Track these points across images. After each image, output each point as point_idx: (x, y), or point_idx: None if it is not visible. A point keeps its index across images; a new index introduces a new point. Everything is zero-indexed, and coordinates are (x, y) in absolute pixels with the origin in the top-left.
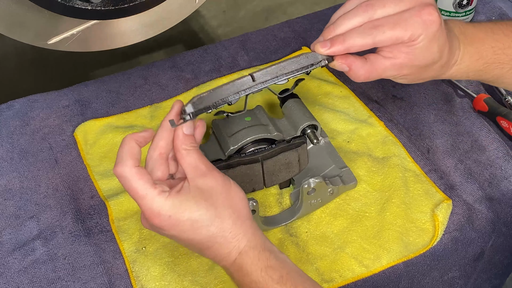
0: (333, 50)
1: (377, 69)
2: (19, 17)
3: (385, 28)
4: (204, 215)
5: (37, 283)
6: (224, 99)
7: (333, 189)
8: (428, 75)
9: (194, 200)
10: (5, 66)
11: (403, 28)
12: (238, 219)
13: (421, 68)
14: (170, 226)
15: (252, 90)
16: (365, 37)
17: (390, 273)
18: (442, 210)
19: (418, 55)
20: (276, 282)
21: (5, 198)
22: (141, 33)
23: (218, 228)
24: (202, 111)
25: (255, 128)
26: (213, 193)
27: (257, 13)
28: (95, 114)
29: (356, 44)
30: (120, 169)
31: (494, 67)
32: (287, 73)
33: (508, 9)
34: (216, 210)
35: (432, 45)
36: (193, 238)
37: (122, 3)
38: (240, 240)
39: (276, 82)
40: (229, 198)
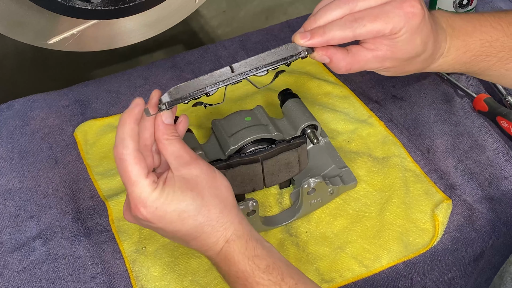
0: (312, 42)
1: (359, 61)
2: (19, 17)
3: (366, 21)
4: (190, 205)
5: (37, 283)
6: (201, 90)
7: (333, 189)
8: (413, 68)
9: (180, 191)
10: (5, 66)
11: (384, 21)
12: (225, 208)
13: (404, 61)
14: (156, 218)
15: (230, 81)
16: (345, 30)
17: (390, 273)
18: (442, 210)
19: (401, 48)
20: (262, 271)
21: (5, 198)
22: (141, 33)
23: (205, 217)
24: (179, 101)
25: (255, 128)
26: (199, 182)
27: (257, 13)
28: (95, 114)
29: (336, 37)
30: (121, 151)
31: (481, 59)
32: (266, 65)
33: (508, 9)
34: (203, 200)
35: (414, 38)
36: (180, 229)
37: (122, 3)
38: (227, 229)
39: (256, 74)
40: (214, 187)
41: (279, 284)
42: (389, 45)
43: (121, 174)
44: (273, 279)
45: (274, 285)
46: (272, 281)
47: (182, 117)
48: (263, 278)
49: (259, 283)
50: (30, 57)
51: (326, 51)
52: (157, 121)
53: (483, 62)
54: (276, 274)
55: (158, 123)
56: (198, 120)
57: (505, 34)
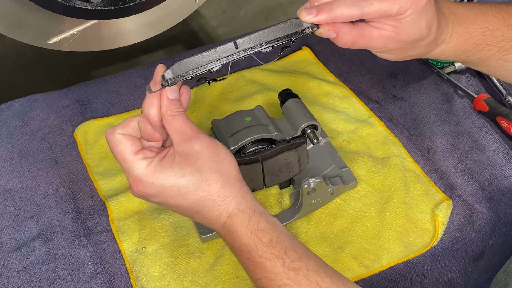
0: (318, 18)
1: (364, 37)
2: (19, 17)
3: (373, 0)
4: (189, 180)
5: (37, 283)
6: (204, 66)
7: (333, 189)
8: (415, 52)
9: (178, 166)
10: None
11: (391, 1)
12: (227, 182)
13: (408, 43)
14: (155, 192)
15: (234, 58)
16: (353, 8)
17: (390, 273)
18: (442, 210)
19: (406, 30)
20: (265, 245)
21: (5, 198)
22: (141, 33)
23: (205, 191)
24: (181, 78)
25: (255, 128)
26: (199, 157)
27: (257, 13)
28: (95, 114)
29: (343, 15)
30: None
31: (482, 48)
32: (270, 41)
33: None
34: (203, 175)
35: (420, 20)
36: (181, 203)
37: (122, 3)
38: (229, 203)
39: (260, 50)
40: (216, 161)
41: (282, 258)
42: (394, 26)
43: (113, 154)
44: (276, 252)
45: (276, 259)
46: (275, 254)
47: (183, 88)
48: (266, 252)
49: (261, 256)
50: (30, 57)
51: (333, 26)
52: (162, 97)
53: (483, 51)
54: (279, 248)
55: (163, 99)
56: (198, 120)
57: (505, 24)
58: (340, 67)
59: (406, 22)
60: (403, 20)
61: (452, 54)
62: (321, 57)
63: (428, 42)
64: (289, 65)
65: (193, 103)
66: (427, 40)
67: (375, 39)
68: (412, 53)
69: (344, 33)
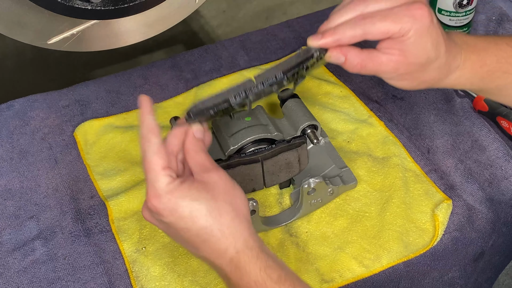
0: (324, 41)
1: (373, 60)
2: (19, 17)
3: (375, 20)
4: (203, 204)
5: (37, 283)
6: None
7: (333, 189)
8: (428, 76)
9: (196, 189)
10: (5, 66)
11: (393, 21)
12: (237, 217)
13: (418, 66)
14: (168, 210)
15: (253, 91)
16: (355, 28)
17: (390, 273)
18: (442, 210)
19: (412, 51)
20: (275, 281)
21: (5, 198)
22: (141, 33)
23: (215, 220)
24: (204, 112)
25: (255, 128)
26: (215, 187)
27: (257, 13)
28: (95, 114)
29: (346, 35)
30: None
31: (498, 76)
32: (284, 71)
33: (508, 9)
34: (216, 203)
35: (424, 41)
36: (190, 227)
37: (122, 3)
38: (237, 239)
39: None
40: (230, 196)
41: None
42: (401, 49)
43: (143, 165)
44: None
45: None
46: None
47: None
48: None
49: None
50: (30, 57)
51: (340, 49)
52: (188, 134)
53: (500, 79)
54: (288, 284)
55: (189, 136)
56: None
57: None
58: (340, 67)
59: (411, 44)
60: (407, 42)
61: (469, 81)
62: None
63: (438, 66)
64: None
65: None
66: (437, 64)
67: (385, 63)
68: (425, 78)
69: (352, 55)
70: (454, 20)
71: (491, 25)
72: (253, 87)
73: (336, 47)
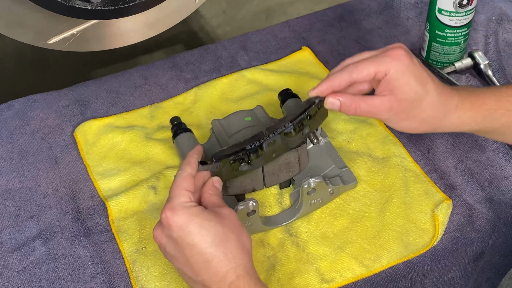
0: (318, 89)
1: (366, 102)
2: (19, 17)
3: (359, 64)
4: (212, 226)
5: (37, 283)
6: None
7: (333, 189)
8: (425, 113)
9: (208, 214)
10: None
11: (375, 64)
12: (241, 248)
13: (409, 103)
14: (180, 224)
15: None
16: (343, 73)
17: (390, 273)
18: (442, 210)
19: (399, 88)
20: None
21: (5, 198)
22: (141, 33)
23: (221, 243)
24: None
25: (255, 128)
26: (225, 219)
27: (257, 13)
28: (95, 114)
29: (335, 79)
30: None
31: (501, 113)
32: (291, 120)
33: (508, 9)
34: (224, 230)
35: (407, 77)
36: (197, 243)
37: (122, 3)
38: (238, 265)
39: (285, 131)
40: (237, 229)
41: None
42: (389, 89)
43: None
44: None
45: None
46: None
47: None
48: None
49: None
50: (30, 57)
51: (335, 95)
52: (209, 181)
53: (504, 117)
54: None
55: (209, 182)
56: (198, 120)
57: None
58: None
59: (396, 81)
60: (392, 81)
61: (473, 121)
62: (321, 57)
63: (431, 102)
64: (289, 65)
65: (193, 103)
66: (429, 100)
67: (378, 104)
68: (422, 115)
69: (345, 98)
70: (454, 20)
71: (491, 25)
72: (265, 136)
73: (331, 93)
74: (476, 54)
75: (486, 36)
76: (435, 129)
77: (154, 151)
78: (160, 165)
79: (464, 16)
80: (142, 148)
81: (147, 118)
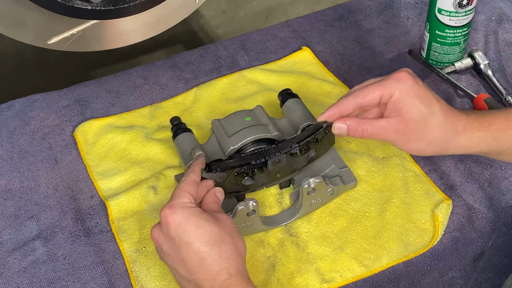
0: (326, 114)
1: (372, 124)
2: (19, 17)
3: (365, 89)
4: (209, 227)
5: (37, 283)
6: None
7: (333, 189)
8: (432, 134)
9: (206, 216)
10: (5, 66)
11: (380, 88)
12: (236, 250)
13: (415, 123)
14: (178, 222)
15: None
16: (350, 98)
17: (390, 273)
18: (442, 210)
19: (404, 109)
20: None
21: (5, 198)
22: (141, 33)
23: (217, 243)
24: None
25: (255, 128)
26: (222, 223)
27: (257, 13)
28: (95, 114)
29: (343, 104)
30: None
31: (510, 134)
32: (298, 141)
33: (508, 9)
34: (220, 232)
35: (412, 98)
36: (193, 242)
37: (122, 3)
38: (231, 266)
39: (291, 151)
40: (233, 234)
41: None
42: (395, 111)
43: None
44: None
45: None
46: None
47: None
48: None
49: None
50: (30, 57)
51: (342, 119)
52: (211, 190)
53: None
54: None
55: (211, 191)
56: (198, 120)
57: None
58: (340, 67)
59: (400, 102)
60: (397, 102)
61: (482, 141)
62: (321, 57)
63: (438, 123)
64: (289, 65)
65: (193, 103)
66: (435, 121)
67: (384, 126)
68: (429, 136)
69: (352, 122)
70: (454, 20)
71: (491, 25)
72: (271, 154)
73: (338, 118)
74: (476, 54)
75: (486, 36)
76: (444, 150)
77: (154, 151)
78: (160, 165)
79: (464, 16)
80: (142, 148)
81: (147, 118)
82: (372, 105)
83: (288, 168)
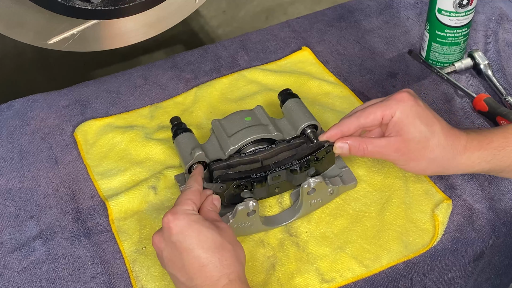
0: (329, 133)
1: (373, 143)
2: (19, 17)
3: (366, 109)
4: (210, 233)
5: (37, 283)
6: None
7: (333, 189)
8: (433, 154)
9: (208, 223)
10: (5, 66)
11: (381, 109)
12: (236, 257)
13: (415, 143)
14: (180, 227)
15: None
16: (351, 119)
17: (390, 273)
18: (442, 210)
19: (405, 129)
20: None
21: (5, 198)
22: (141, 33)
23: (217, 250)
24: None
25: (255, 128)
26: (223, 231)
27: (257, 13)
28: (95, 114)
29: (345, 124)
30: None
31: (510, 151)
32: (298, 159)
33: (508, 9)
34: (221, 239)
35: (412, 118)
36: (194, 248)
37: (122, 3)
38: (232, 271)
39: (291, 168)
40: (233, 242)
41: None
42: (396, 131)
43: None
44: None
45: None
46: None
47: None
48: None
49: None
50: (30, 57)
51: (343, 139)
52: (209, 198)
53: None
54: None
55: (209, 199)
56: (198, 120)
57: None
58: (340, 67)
59: (401, 122)
60: (398, 122)
61: (483, 160)
62: (321, 57)
63: (439, 143)
64: (289, 65)
65: (193, 103)
66: (435, 141)
67: (385, 145)
68: (430, 155)
69: (353, 141)
70: (454, 20)
71: (491, 25)
72: (272, 169)
73: (340, 138)
74: (476, 54)
75: (486, 36)
76: (445, 170)
77: (154, 151)
78: (160, 165)
79: (464, 16)
80: (142, 148)
81: (147, 118)
82: (374, 125)
83: (287, 184)
